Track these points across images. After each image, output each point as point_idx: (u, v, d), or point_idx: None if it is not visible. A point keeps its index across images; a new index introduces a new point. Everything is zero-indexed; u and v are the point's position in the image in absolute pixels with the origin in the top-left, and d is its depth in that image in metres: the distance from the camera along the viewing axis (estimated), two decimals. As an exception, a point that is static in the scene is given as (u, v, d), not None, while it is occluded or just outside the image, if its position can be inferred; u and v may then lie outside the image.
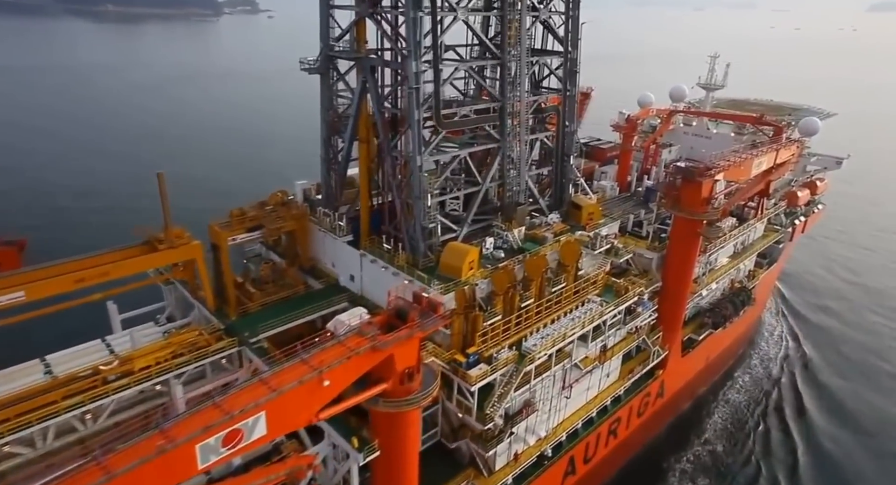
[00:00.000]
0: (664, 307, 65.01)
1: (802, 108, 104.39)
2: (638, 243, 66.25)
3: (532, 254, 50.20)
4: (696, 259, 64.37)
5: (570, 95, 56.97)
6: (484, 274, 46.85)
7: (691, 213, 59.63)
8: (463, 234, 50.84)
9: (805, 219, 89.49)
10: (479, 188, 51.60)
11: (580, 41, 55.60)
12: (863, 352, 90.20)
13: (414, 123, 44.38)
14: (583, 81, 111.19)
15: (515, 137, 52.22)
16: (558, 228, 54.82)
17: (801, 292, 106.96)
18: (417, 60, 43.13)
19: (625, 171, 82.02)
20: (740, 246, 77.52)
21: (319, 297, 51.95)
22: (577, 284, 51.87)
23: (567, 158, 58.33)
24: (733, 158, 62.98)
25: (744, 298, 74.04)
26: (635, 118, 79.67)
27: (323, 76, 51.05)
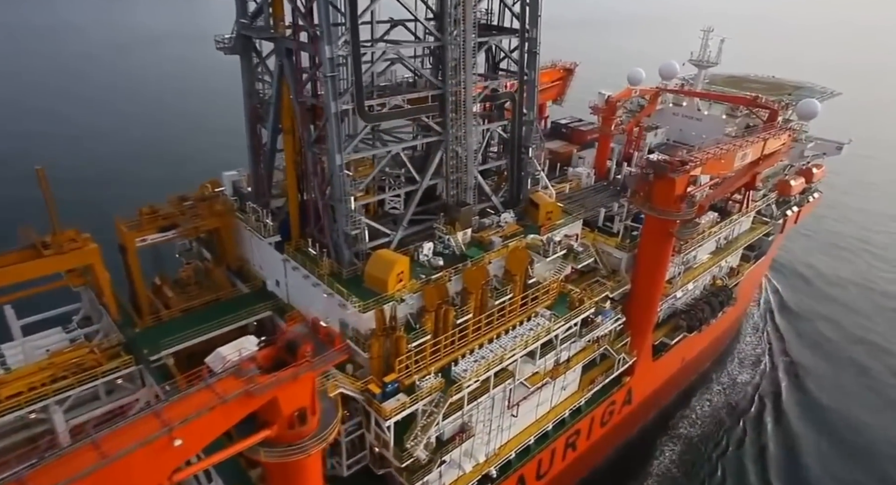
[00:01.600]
0: (633, 311, 59.69)
1: (804, 87, 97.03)
2: (607, 241, 60.66)
3: (474, 262, 44.71)
4: (669, 261, 58.79)
5: (528, 80, 50.53)
6: (414, 287, 41.50)
7: (663, 212, 53.85)
8: (397, 239, 45.31)
9: (798, 209, 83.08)
10: (417, 187, 45.80)
11: (540, 18, 48.89)
12: (850, 346, 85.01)
13: (331, 116, 38.47)
14: (570, 53, 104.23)
15: (461, 128, 46.17)
16: (510, 230, 49.13)
17: (792, 284, 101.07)
18: (332, 44, 36.99)
19: (603, 157, 75.86)
20: (723, 241, 71.58)
21: (242, 304, 46.90)
22: (525, 296, 46.56)
23: (525, 150, 52.19)
24: (713, 151, 56.71)
25: (723, 298, 68.44)
26: (615, 100, 72.92)
27: (242, 57, 44.94)
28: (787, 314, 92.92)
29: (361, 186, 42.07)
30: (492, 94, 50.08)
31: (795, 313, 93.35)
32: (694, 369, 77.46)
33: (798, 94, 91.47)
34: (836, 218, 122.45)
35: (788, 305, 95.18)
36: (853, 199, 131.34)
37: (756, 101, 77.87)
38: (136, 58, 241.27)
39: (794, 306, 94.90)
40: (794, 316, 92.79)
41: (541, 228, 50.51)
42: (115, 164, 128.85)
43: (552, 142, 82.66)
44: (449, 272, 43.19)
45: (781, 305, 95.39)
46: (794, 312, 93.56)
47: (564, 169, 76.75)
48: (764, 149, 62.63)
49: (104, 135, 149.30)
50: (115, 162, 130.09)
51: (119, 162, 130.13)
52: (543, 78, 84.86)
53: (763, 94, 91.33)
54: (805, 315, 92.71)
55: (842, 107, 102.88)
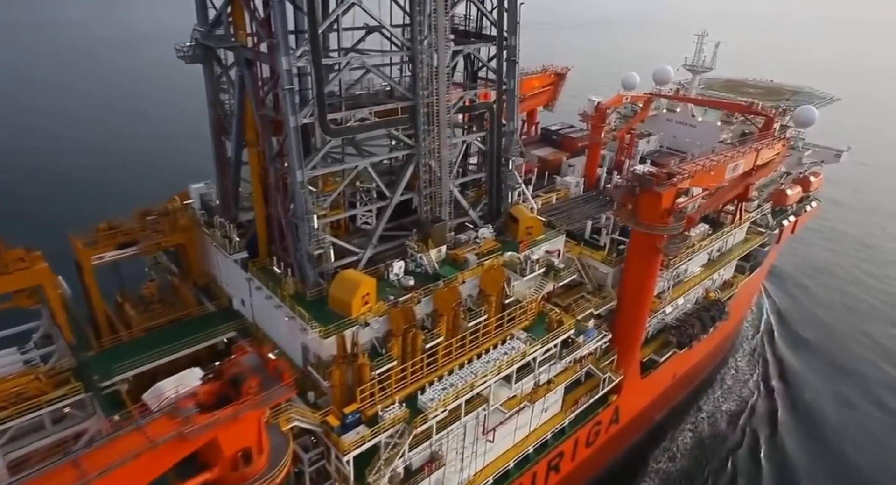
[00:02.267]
0: (619, 328, 57.38)
1: (803, 92, 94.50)
2: (593, 255, 58.24)
3: (446, 282, 42.39)
4: (656, 276, 56.38)
5: (507, 90, 48.18)
6: (381, 310, 39.21)
7: (649, 226, 51.47)
8: (366, 257, 43.00)
9: (796, 219, 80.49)
10: (388, 202, 43.49)
11: (519, 25, 46.53)
12: (853, 360, 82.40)
13: (290, 131, 36.19)
14: (570, 55, 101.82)
15: (434, 141, 43.86)
16: (486, 247, 46.74)
17: (790, 293, 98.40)
18: (289, 55, 34.71)
19: (593, 165, 73.45)
20: (716, 253, 69.05)
21: (206, 323, 44.71)
22: (500, 317, 44.25)
23: (505, 162, 49.84)
24: (702, 162, 54.29)
25: (715, 313, 65.92)
26: (605, 106, 70.44)
27: (204, 66, 42.68)
28: (785, 324, 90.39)
29: (326, 203, 39.71)
30: (469, 104, 47.67)
31: (793, 323, 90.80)
32: (687, 383, 75.02)
33: (796, 100, 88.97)
34: (837, 224, 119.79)
35: (786, 316, 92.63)
36: (856, 203, 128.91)
37: (751, 107, 75.25)
38: (113, 60, 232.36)
39: (791, 316, 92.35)
40: (791, 326, 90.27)
41: (520, 245, 48.13)
42: (84, 174, 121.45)
43: (542, 149, 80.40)
44: (419, 293, 40.90)
45: (779, 315, 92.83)
46: (791, 322, 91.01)
47: (554, 177, 74.42)
48: (757, 159, 60.17)
49: (74, 144, 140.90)
50: (84, 172, 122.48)
51: (89, 172, 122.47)
52: (534, 83, 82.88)
53: (760, 99, 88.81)
54: (804, 325, 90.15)
55: (844, 111, 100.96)
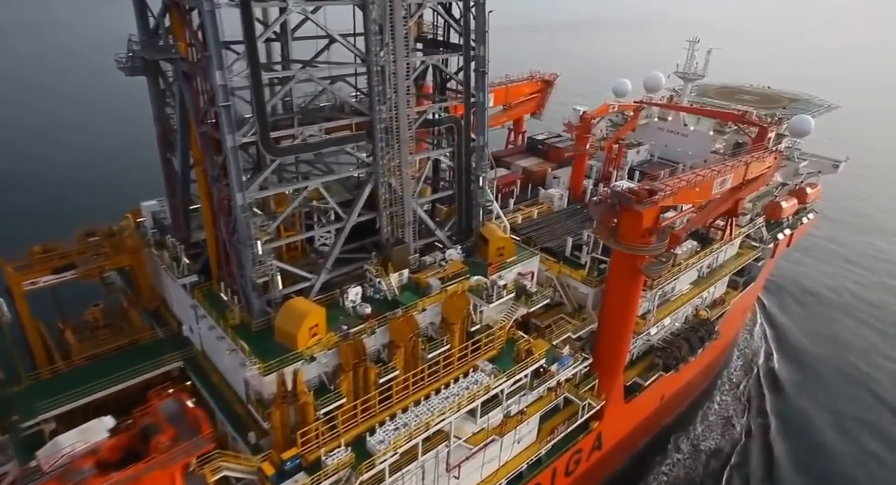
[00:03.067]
0: (601, 352, 54.27)
1: (801, 99, 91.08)
2: (573, 274, 55.10)
3: (405, 310, 39.34)
4: (639, 298, 53.19)
5: (476, 103, 45.09)
6: (330, 342, 36.20)
7: (630, 246, 48.29)
8: (319, 283, 39.94)
9: (791, 232, 77.07)
10: (344, 224, 40.44)
11: (487, 34, 43.47)
12: (854, 378, 78.87)
13: (227, 151, 33.23)
14: (556, 62, 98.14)
15: (394, 158, 40.85)
16: (452, 270, 43.64)
17: (786, 306, 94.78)
18: (223, 69, 31.76)
19: (578, 177, 70.27)
20: (706, 270, 65.77)
21: (152, 352, 41.76)
22: (465, 347, 41.17)
23: (475, 179, 46.76)
24: (687, 178, 51.09)
25: (704, 333, 62.56)
26: (590, 116, 67.24)
27: (148, 78, 39.76)
28: (782, 339, 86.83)
29: (272, 227, 36.69)
30: (433, 118, 44.60)
31: (790, 337, 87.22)
32: (678, 403, 71.64)
33: (793, 108, 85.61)
34: (839, 233, 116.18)
35: (783, 329, 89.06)
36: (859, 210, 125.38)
37: (744, 117, 71.97)
38: (64, 66, 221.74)
39: (789, 330, 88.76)
40: (788, 340, 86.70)
41: (489, 267, 45.04)
42: (33, 190, 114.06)
43: (527, 159, 77.31)
44: (373, 323, 37.89)
45: (775, 329, 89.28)
46: (788, 337, 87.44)
47: (538, 189, 71.30)
48: (746, 173, 56.93)
49: (25, 159, 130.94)
50: (33, 188, 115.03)
51: (39, 187, 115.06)
52: (520, 90, 79.83)
53: (756, 106, 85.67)
54: (801, 339, 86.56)
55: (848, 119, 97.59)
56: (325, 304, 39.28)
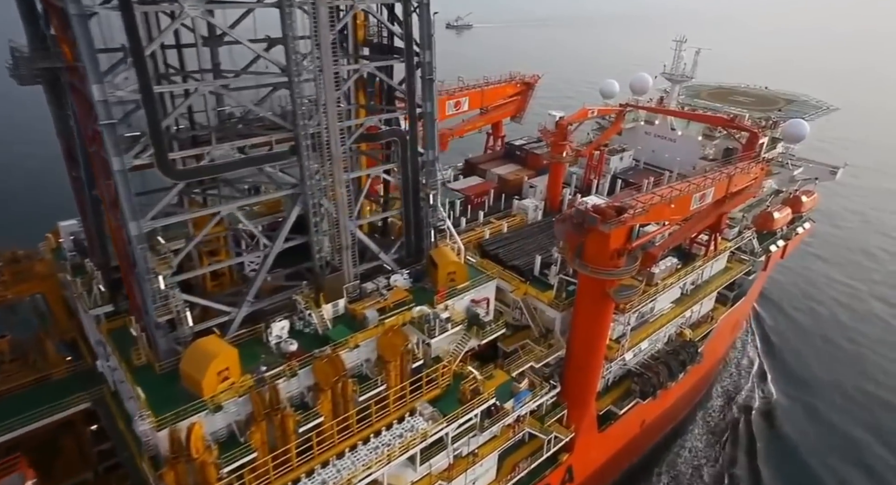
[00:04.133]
0: (570, 380, 50.10)
1: (798, 101, 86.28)
2: (540, 296, 50.75)
3: (334, 347, 35.15)
4: (610, 323, 48.82)
5: (425, 113, 40.68)
6: (242, 388, 32.06)
7: (596, 270, 43.91)
8: (240, 317, 35.74)
9: (785, 243, 72.28)
10: (268, 251, 36.20)
11: (433, 37, 39.02)
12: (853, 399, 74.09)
13: (115, 174, 29.09)
14: (544, 62, 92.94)
15: (326, 177, 36.59)
16: (395, 299, 39.42)
17: (781, 320, 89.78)
18: (101, 83, 27.55)
19: (555, 187, 65.74)
20: (690, 287, 61.14)
21: (63, 390, 37.77)
22: (404, 387, 36.91)
23: (425, 197, 42.39)
24: (661, 193, 46.55)
25: (686, 357, 58.05)
26: (566, 122, 62.60)
27: (45, 88, 35.58)
28: (775, 358, 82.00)
29: (175, 260, 32.45)
30: (374, 131, 40.23)
31: (784, 354, 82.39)
32: (661, 427, 67.15)
33: (789, 110, 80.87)
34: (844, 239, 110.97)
35: (777, 345, 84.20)
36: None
37: (733, 121, 67.14)
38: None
39: (783, 345, 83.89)
40: (782, 357, 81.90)
41: (436, 295, 40.74)
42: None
43: (504, 166, 72.86)
44: (295, 364, 33.74)
45: (769, 344, 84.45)
46: (783, 353, 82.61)
47: (514, 199, 66.82)
48: (729, 186, 52.29)
49: None
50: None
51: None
52: (499, 93, 75.34)
53: (751, 108, 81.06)
54: (796, 358, 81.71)
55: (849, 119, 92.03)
56: (248, 340, 35.36)
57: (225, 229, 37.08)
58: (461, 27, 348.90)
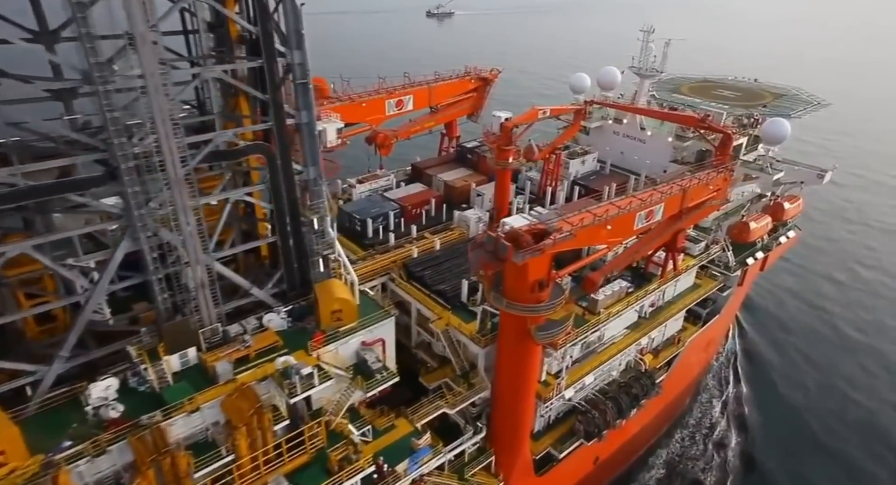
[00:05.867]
0: (497, 423, 43.74)
1: (787, 95, 78.16)
2: (462, 327, 44.15)
3: (165, 412, 28.85)
4: (538, 361, 42.20)
5: (300, 124, 33.97)
6: (31, 471, 25.88)
7: (512, 305, 37.26)
8: (50, 377, 29.49)
9: (765, 254, 64.83)
10: (88, 295, 29.84)
11: (303, 35, 32.21)
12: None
13: None
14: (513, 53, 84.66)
15: (165, 205, 30.16)
16: (260, 346, 33.01)
17: (766, 335, 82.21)
18: None
19: (503, 196, 58.79)
20: (649, 309, 54.13)
21: None
22: (256, 458, 30.55)
23: (307, 221, 35.81)
24: (596, 212, 39.57)
25: (640, 390, 51.17)
26: (511, 124, 55.42)
27: None
28: (757, 379, 74.74)
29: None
30: (231, 148, 33.57)
31: (768, 375, 75.07)
32: (621, 461, 60.35)
33: (775, 106, 72.93)
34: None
35: (759, 365, 76.86)
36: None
37: (705, 120, 59.56)
38: None
39: (768, 366, 76.52)
40: (766, 379, 74.60)
41: (312, 341, 34.23)
42: None
43: (453, 171, 65.94)
44: (110, 436, 27.50)
45: (751, 363, 77.14)
46: (766, 374, 75.29)
47: (464, 207, 60.04)
48: (685, 200, 45.13)
49: None
50: None
51: None
52: (451, 89, 68.26)
53: (734, 104, 73.33)
54: (783, 376, 74.39)
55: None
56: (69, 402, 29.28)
57: (42, 266, 30.67)
58: (441, 15, 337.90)
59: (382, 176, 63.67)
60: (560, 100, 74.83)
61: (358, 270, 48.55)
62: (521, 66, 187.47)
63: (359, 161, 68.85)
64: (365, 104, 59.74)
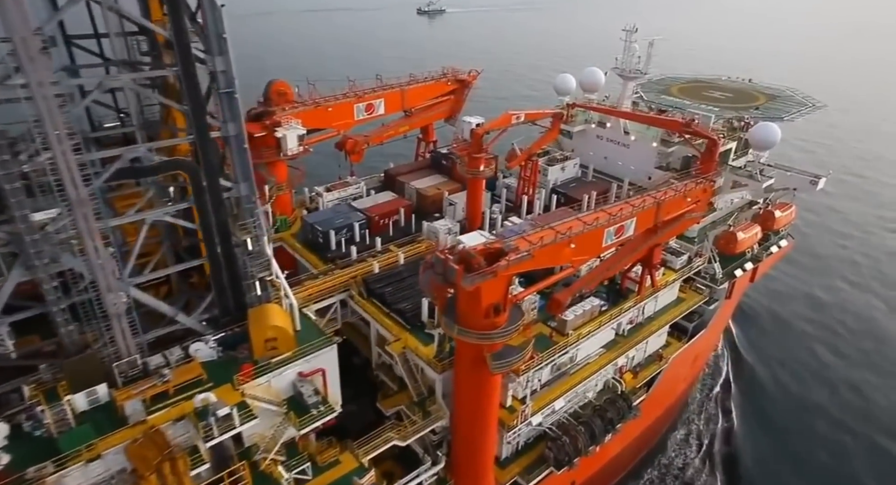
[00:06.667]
0: (457, 452, 40.53)
1: (781, 96, 74.52)
2: (419, 350, 40.89)
3: (57, 462, 25.70)
4: (498, 389, 38.83)
5: (228, 137, 30.71)
6: None
7: (464, 332, 33.94)
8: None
9: (755, 266, 61.22)
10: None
11: (225, 40, 28.90)
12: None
13: None
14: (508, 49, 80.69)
15: (65, 228, 27.00)
16: (179, 381, 29.83)
17: (760, 350, 78.40)
18: None
19: (475, 206, 55.54)
20: (627, 327, 50.71)
21: None
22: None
23: (240, 242, 32.56)
24: (560, 230, 36.16)
25: (614, 415, 47.74)
26: (482, 131, 52.00)
27: None
28: (749, 395, 71.07)
29: None
30: (145, 165, 30.33)
31: (761, 391, 71.36)
32: (604, 483, 56.92)
33: (768, 108, 69.35)
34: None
35: (752, 379, 73.15)
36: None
37: (689, 125, 55.98)
38: None
39: (762, 381, 72.79)
40: (758, 396, 70.91)
41: (238, 375, 31.00)
42: None
43: (427, 178, 62.53)
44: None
45: (742, 378, 73.45)
46: (759, 390, 71.59)
47: (436, 217, 56.73)
48: (659, 214, 41.61)
49: None
50: None
51: None
52: (426, 92, 64.98)
53: (726, 105, 69.85)
54: (777, 395, 70.71)
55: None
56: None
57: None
58: (433, 12, 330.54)
59: (353, 184, 60.38)
60: (547, 101, 71.26)
61: (315, 286, 45.62)
62: (507, 66, 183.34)
63: (330, 168, 65.65)
64: (331, 109, 56.64)
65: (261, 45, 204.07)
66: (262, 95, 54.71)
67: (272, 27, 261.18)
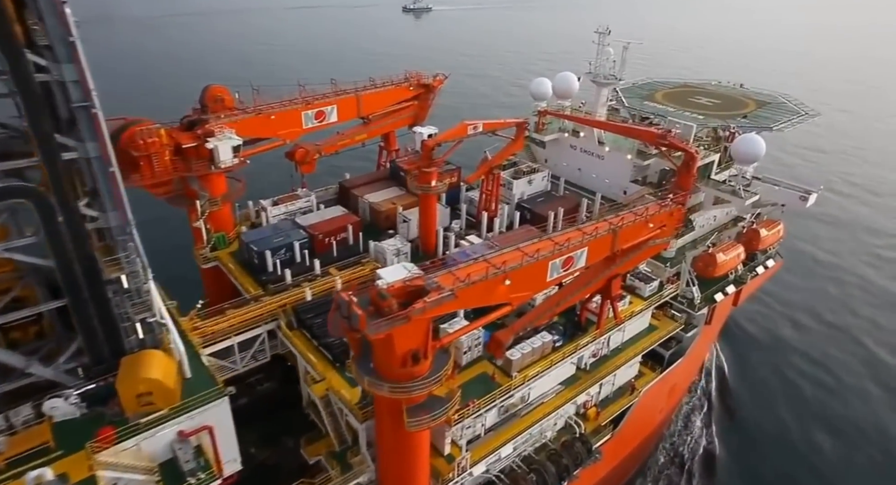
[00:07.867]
0: (383, 508, 35.41)
1: (773, 103, 69.27)
2: (343, 394, 35.89)
3: None
4: (426, 441, 33.79)
5: (88, 158, 25.79)
6: None
7: (376, 383, 28.98)
8: None
9: (738, 289, 55.75)
10: None
11: (75, 42, 23.99)
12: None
13: None
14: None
15: None
16: (17, 450, 24.95)
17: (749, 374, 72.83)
18: None
19: (429, 224, 50.42)
20: (590, 360, 45.50)
21: None
22: None
23: (112, 279, 27.62)
24: (496, 263, 31.03)
25: (570, 461, 42.54)
26: (433, 143, 46.84)
27: None
28: (732, 430, 65.67)
29: None
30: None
31: (746, 424, 65.97)
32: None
33: (757, 116, 64.11)
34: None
35: (736, 408, 67.73)
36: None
37: (665, 137, 50.66)
38: None
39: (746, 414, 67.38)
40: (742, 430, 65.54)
41: (94, 441, 26.04)
42: None
43: (383, 191, 57.45)
44: None
45: (725, 407, 68.02)
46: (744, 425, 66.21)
47: (390, 234, 51.72)
48: (616, 242, 36.33)
49: None
50: None
51: None
52: (386, 98, 59.89)
53: (712, 112, 64.65)
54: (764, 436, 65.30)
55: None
56: None
57: None
58: (419, 10, 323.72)
59: (303, 196, 55.41)
60: (528, 106, 65.95)
61: (239, 316, 40.80)
62: (493, 66, 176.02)
63: (283, 180, 60.57)
64: (274, 117, 51.57)
65: (233, 47, 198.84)
66: (197, 101, 49.88)
67: (255, 26, 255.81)
